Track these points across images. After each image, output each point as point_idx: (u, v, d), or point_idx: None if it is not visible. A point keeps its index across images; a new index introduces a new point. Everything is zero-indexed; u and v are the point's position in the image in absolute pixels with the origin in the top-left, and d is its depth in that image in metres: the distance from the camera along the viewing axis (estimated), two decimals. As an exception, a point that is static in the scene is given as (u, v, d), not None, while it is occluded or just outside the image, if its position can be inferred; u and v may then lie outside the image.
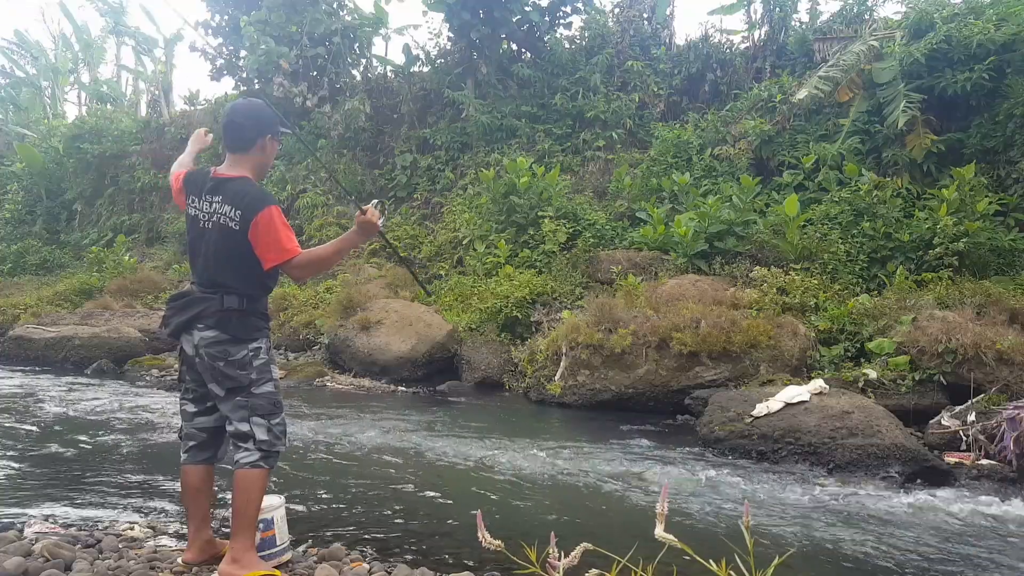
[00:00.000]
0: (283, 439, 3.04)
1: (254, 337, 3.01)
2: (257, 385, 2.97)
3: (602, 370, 7.62)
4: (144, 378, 9.40)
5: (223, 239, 2.95)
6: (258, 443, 2.94)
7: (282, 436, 3.03)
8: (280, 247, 2.91)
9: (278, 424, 3.01)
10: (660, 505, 1.63)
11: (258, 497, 2.93)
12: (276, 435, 2.99)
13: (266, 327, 3.10)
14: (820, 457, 5.35)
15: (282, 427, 3.04)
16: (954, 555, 3.69)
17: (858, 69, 10.56)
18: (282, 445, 3.03)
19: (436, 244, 12.92)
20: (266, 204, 2.91)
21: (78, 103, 26.94)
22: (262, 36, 15.32)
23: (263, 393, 2.98)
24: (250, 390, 2.96)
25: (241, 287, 2.97)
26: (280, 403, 3.05)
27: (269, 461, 2.96)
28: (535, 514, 4.19)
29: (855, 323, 7.62)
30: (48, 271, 18.38)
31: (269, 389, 3.01)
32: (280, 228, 2.92)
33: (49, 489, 4.46)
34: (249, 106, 3.14)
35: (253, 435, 2.94)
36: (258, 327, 3.04)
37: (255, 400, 2.96)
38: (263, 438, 2.94)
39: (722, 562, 1.61)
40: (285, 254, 2.91)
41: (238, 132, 3.06)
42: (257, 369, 2.98)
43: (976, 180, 8.92)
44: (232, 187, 2.97)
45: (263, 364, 3.01)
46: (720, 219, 9.71)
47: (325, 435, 6.09)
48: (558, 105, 14.19)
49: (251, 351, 2.98)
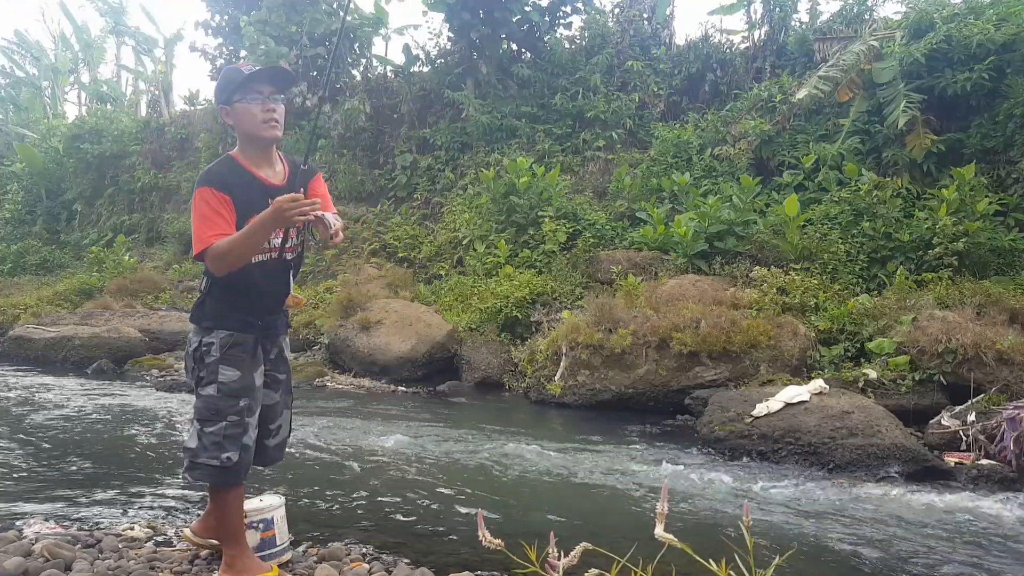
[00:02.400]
0: (214, 451, 2.66)
1: (208, 327, 2.76)
2: (202, 385, 2.74)
3: (602, 370, 7.62)
4: (144, 378, 9.40)
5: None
6: (185, 450, 2.73)
7: (213, 448, 2.66)
8: (194, 242, 2.60)
9: (211, 434, 2.67)
10: (660, 505, 1.63)
11: (230, 511, 2.78)
12: (204, 445, 2.67)
13: (233, 321, 2.77)
14: (820, 457, 5.35)
15: (216, 438, 2.67)
16: (954, 555, 3.69)
17: (858, 69, 10.56)
18: (212, 458, 2.66)
19: (436, 244, 12.92)
20: (197, 187, 2.63)
21: (78, 103, 26.96)
22: (262, 36, 15.32)
23: (203, 395, 2.73)
24: (196, 388, 2.77)
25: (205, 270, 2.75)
26: (222, 411, 2.69)
27: (194, 473, 2.69)
28: (535, 514, 4.18)
29: (855, 323, 7.62)
30: (48, 271, 18.39)
31: (210, 392, 2.71)
32: (197, 215, 2.60)
33: (49, 489, 4.46)
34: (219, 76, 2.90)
35: (184, 439, 2.75)
36: (216, 317, 2.76)
37: (196, 401, 2.75)
38: (190, 445, 2.71)
39: (722, 562, 1.61)
40: (198, 245, 2.59)
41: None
42: (206, 367, 2.73)
43: (976, 180, 8.92)
44: None
45: (212, 363, 2.72)
46: (720, 219, 9.71)
47: (325, 435, 6.09)
48: (558, 105, 14.20)
49: (203, 345, 2.74)
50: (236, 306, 2.78)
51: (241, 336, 2.77)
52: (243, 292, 2.77)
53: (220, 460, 2.67)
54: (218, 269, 2.61)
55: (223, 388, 2.71)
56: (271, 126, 2.74)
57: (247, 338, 2.79)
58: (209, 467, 2.68)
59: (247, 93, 2.71)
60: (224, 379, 2.71)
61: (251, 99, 2.71)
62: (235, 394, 2.72)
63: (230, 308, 2.77)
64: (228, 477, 2.72)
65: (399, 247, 13.18)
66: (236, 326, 2.77)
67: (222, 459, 2.67)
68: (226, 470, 2.69)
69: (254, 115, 2.72)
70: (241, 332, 2.77)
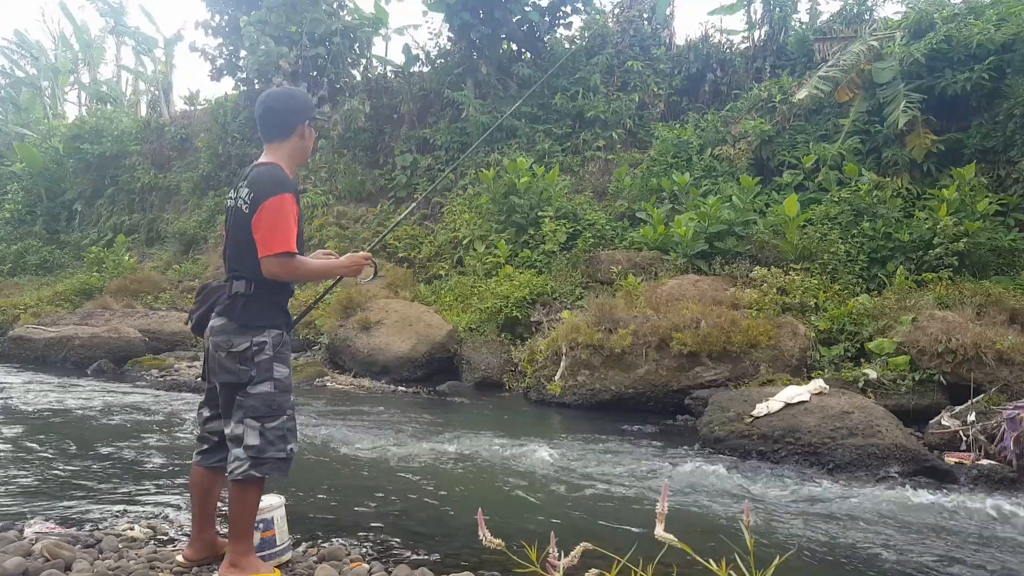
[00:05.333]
0: (280, 444, 2.83)
1: (259, 327, 2.84)
2: (254, 384, 2.82)
3: (602, 370, 7.62)
4: (144, 378, 9.40)
5: (236, 222, 2.88)
6: (247, 448, 2.79)
7: (279, 441, 2.83)
8: (279, 239, 2.73)
9: (275, 428, 2.83)
10: (660, 505, 1.63)
11: (253, 506, 2.85)
12: (270, 440, 2.81)
13: (280, 320, 2.92)
14: (820, 457, 5.35)
15: (281, 431, 2.84)
16: (954, 555, 3.69)
17: (858, 69, 10.56)
18: (279, 451, 2.83)
19: (436, 244, 12.92)
20: (280, 191, 2.77)
21: (78, 103, 26.98)
22: (262, 36, 15.33)
23: (259, 393, 2.82)
24: (246, 388, 2.81)
25: (249, 272, 2.84)
26: (282, 406, 2.86)
27: (261, 469, 2.79)
28: (535, 514, 4.18)
29: (855, 323, 7.62)
30: (48, 271, 18.40)
31: (266, 389, 2.83)
32: (284, 219, 2.75)
33: (49, 489, 4.46)
34: (285, 93, 3.07)
35: (243, 439, 2.80)
36: (266, 316, 2.87)
37: (249, 400, 2.81)
38: (252, 443, 2.79)
39: (722, 562, 1.61)
40: (279, 247, 2.72)
41: (274, 119, 2.95)
42: (258, 366, 2.82)
43: (976, 180, 8.93)
44: (257, 171, 2.88)
45: (265, 361, 2.83)
46: (720, 219, 9.71)
47: (325, 435, 6.09)
48: (558, 105, 14.20)
49: (255, 345, 2.82)
50: (280, 307, 2.97)
51: (286, 335, 2.97)
52: (284, 294, 2.99)
53: (286, 452, 2.87)
54: (285, 276, 2.84)
55: (279, 384, 2.88)
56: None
57: (288, 337, 3.00)
58: (277, 460, 2.84)
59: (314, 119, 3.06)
60: (279, 375, 2.88)
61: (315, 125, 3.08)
62: (287, 389, 2.92)
63: (276, 309, 2.94)
64: (288, 467, 2.91)
65: (399, 247, 13.17)
66: (282, 325, 2.95)
67: (287, 451, 2.87)
68: (289, 461, 2.89)
69: (312, 140, 3.08)
70: (286, 331, 2.97)
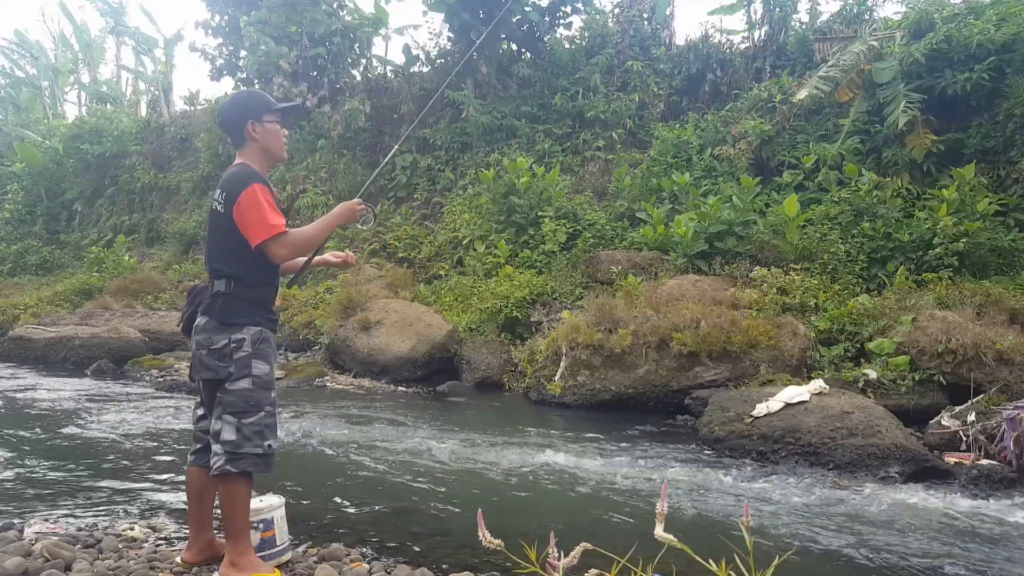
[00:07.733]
0: (258, 440, 2.85)
1: (238, 324, 2.89)
2: (232, 380, 2.86)
3: (602, 370, 7.62)
4: (144, 378, 9.40)
5: (213, 222, 2.98)
6: (224, 443, 2.82)
7: (256, 437, 2.84)
8: (266, 223, 2.82)
9: (252, 424, 2.85)
10: (660, 505, 1.63)
11: (242, 504, 2.85)
12: (247, 435, 2.83)
13: (260, 316, 2.96)
14: (820, 457, 5.34)
15: (258, 427, 2.86)
16: (954, 555, 3.69)
17: (858, 69, 10.56)
18: (255, 447, 2.84)
19: (436, 244, 12.91)
20: (249, 183, 2.86)
21: (78, 103, 26.99)
22: (262, 36, 15.33)
23: (237, 389, 2.86)
24: (225, 384, 2.86)
25: (229, 270, 2.92)
26: (260, 402, 2.89)
27: (238, 464, 2.81)
28: (535, 514, 4.18)
29: (855, 323, 7.62)
30: (48, 271, 18.41)
31: (244, 386, 2.86)
32: (264, 205, 2.84)
33: (49, 489, 4.46)
34: (232, 98, 3.16)
35: (220, 434, 2.84)
36: (245, 313, 2.91)
37: (228, 396, 2.86)
38: (229, 438, 2.82)
39: (722, 562, 1.61)
40: (272, 230, 2.82)
41: (227, 127, 3.07)
42: (236, 362, 2.86)
43: (976, 180, 8.92)
44: (228, 173, 2.98)
45: (243, 358, 2.87)
46: (720, 219, 9.70)
47: (325, 435, 6.09)
48: (558, 105, 14.20)
49: (233, 342, 2.87)
50: (262, 304, 3.00)
51: (267, 332, 2.98)
52: (266, 291, 3.02)
53: (263, 448, 2.88)
54: (285, 255, 2.89)
55: (257, 381, 2.90)
56: (285, 149, 3.16)
57: (270, 334, 3.01)
58: (253, 455, 2.85)
59: (277, 116, 3.07)
60: (257, 372, 2.90)
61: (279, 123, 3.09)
62: (267, 386, 2.94)
63: (257, 306, 2.97)
64: (269, 463, 2.92)
65: (399, 247, 13.17)
66: (263, 323, 2.97)
67: (264, 447, 2.88)
68: (268, 457, 2.90)
69: (279, 136, 3.08)
70: (267, 328, 2.99)
